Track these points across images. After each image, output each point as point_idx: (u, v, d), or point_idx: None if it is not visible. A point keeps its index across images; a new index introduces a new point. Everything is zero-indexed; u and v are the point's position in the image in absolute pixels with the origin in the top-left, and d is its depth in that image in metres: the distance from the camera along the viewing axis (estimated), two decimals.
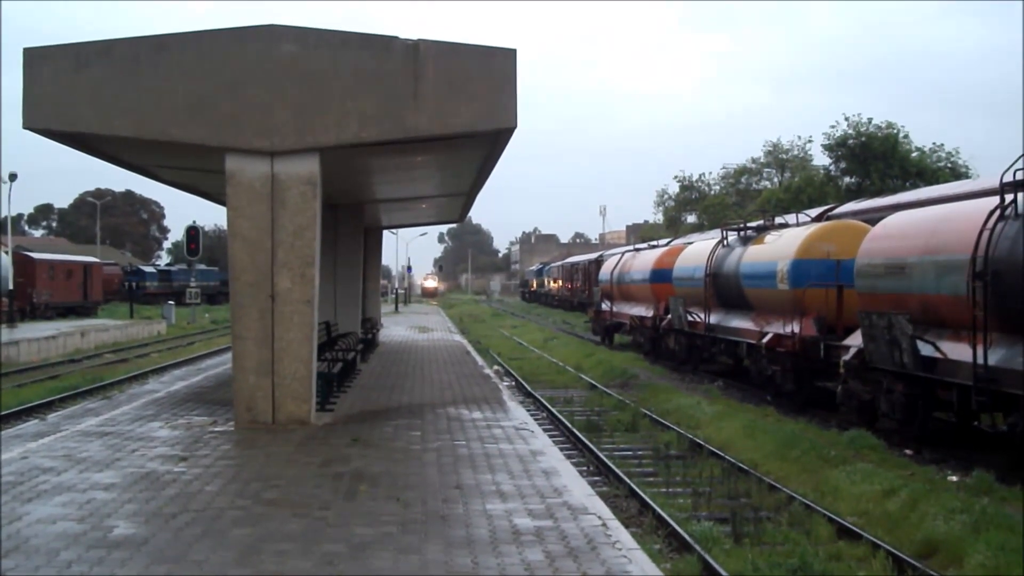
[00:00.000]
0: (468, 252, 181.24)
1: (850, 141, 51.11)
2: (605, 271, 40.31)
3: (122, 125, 12.83)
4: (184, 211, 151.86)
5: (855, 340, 16.77)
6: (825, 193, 50.06)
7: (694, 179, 74.54)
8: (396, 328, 41.67)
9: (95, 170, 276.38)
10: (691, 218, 72.95)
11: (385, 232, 42.32)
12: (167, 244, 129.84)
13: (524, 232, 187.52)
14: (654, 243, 41.79)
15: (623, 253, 40.78)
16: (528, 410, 17.37)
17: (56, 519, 8.16)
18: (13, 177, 43.21)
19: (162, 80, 12.68)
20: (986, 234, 13.27)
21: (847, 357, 16.85)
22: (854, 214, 24.82)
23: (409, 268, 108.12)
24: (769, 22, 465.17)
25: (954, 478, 12.95)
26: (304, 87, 12.65)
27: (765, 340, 20.58)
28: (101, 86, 12.75)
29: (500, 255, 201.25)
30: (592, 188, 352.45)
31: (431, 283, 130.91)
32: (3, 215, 49.97)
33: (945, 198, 19.80)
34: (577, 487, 9.68)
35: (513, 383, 25.23)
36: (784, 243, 21.19)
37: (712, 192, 72.46)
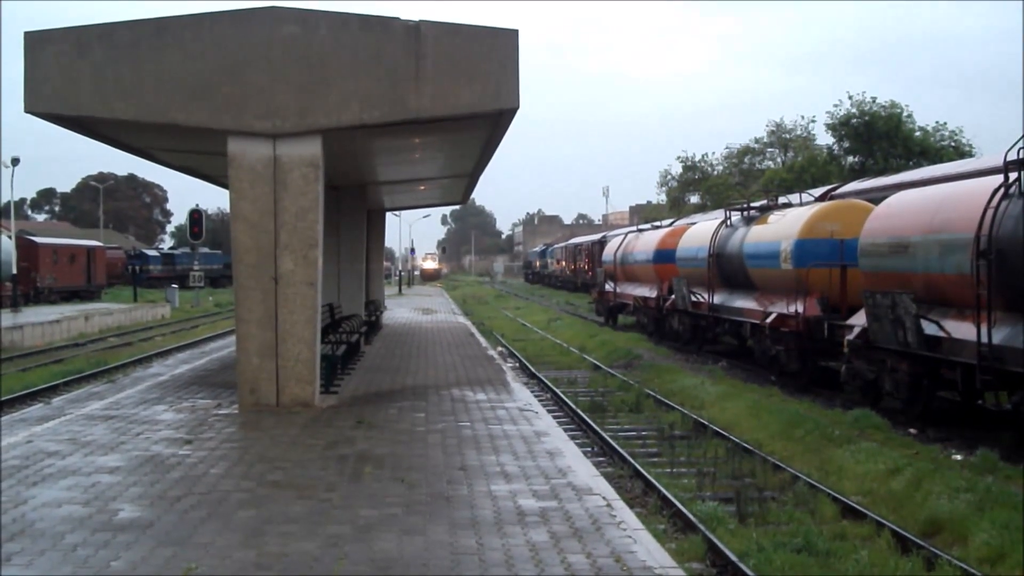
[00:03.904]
0: (471, 234, 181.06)
1: (853, 120, 50.91)
2: (608, 252, 40.25)
3: (124, 108, 12.80)
4: (187, 194, 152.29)
5: (859, 320, 16.75)
6: (828, 172, 49.93)
7: (697, 159, 74.22)
8: (400, 310, 41.69)
9: (98, 154, 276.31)
10: (694, 198, 72.60)
11: (388, 214, 42.30)
12: (170, 227, 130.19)
13: (528, 213, 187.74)
14: (657, 224, 41.68)
15: (626, 234, 40.71)
16: (532, 391, 17.39)
17: (61, 502, 8.18)
18: (16, 161, 43.07)
19: (163, 63, 12.65)
20: (990, 213, 13.22)
21: (851, 337, 16.82)
22: (858, 193, 24.75)
23: (412, 250, 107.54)
24: (776, 5, 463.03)
25: (958, 457, 12.95)
26: (305, 69, 12.60)
27: (769, 320, 20.57)
28: (102, 69, 12.71)
29: (503, 236, 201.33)
30: (596, 169, 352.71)
31: (431, 264, 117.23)
32: (6, 199, 49.98)
33: (949, 177, 19.75)
34: (582, 468, 9.69)
35: (517, 364, 25.23)
36: (788, 223, 21.14)
37: (715, 172, 72.11)
